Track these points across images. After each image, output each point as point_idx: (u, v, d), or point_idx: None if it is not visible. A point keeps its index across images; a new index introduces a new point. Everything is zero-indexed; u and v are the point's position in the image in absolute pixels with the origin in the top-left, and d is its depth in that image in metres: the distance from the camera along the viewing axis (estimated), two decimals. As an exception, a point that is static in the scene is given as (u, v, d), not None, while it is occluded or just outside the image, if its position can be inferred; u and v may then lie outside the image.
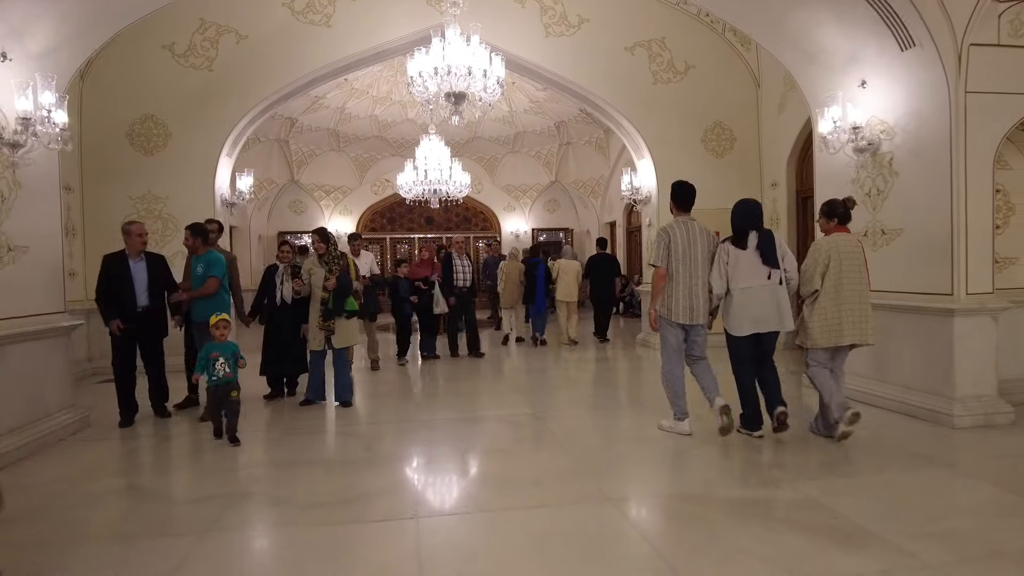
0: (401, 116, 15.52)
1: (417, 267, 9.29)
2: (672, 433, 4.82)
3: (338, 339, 5.75)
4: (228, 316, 5.22)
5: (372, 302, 7.91)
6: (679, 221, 4.83)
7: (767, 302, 4.47)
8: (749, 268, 4.50)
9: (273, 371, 6.27)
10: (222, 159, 8.79)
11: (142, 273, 5.54)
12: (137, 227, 5.64)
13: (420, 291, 8.84)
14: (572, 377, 7.95)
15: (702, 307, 4.65)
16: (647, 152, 9.60)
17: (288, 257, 6.31)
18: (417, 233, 18.22)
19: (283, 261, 6.29)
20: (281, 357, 6.17)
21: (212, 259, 5.76)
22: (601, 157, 15.92)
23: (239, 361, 4.98)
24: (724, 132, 9.70)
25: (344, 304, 5.74)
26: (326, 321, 5.67)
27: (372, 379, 7.68)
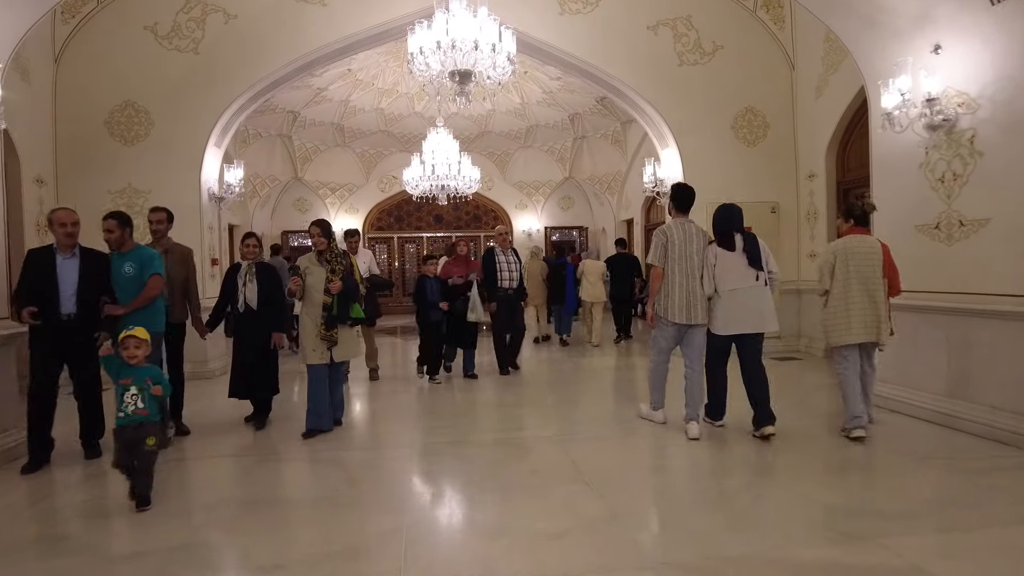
0: (408, 109, 14.72)
1: (451, 265, 7.67)
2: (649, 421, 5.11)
3: (340, 351, 4.84)
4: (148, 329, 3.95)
5: (372, 305, 7.12)
6: (677, 222, 4.85)
7: (752, 303, 4.55)
8: (736, 270, 4.57)
9: (239, 392, 5.21)
10: (209, 149, 8.02)
11: (71, 272, 4.34)
12: (62, 215, 4.38)
13: (453, 294, 7.23)
14: (596, 388, 7.10)
15: (700, 307, 4.67)
16: (672, 141, 8.72)
17: (254, 253, 5.16)
18: (426, 232, 17.44)
19: (247, 258, 5.17)
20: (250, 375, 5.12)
21: (145, 256, 4.61)
22: (618, 151, 15.04)
23: (155, 388, 3.56)
24: (756, 118, 8.80)
25: (350, 310, 4.85)
26: (329, 330, 4.74)
27: (370, 393, 6.87)
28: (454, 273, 7.41)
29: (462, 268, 7.47)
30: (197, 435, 5.01)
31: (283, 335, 5.23)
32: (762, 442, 4.52)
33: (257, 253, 5.21)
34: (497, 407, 6.21)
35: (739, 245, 4.63)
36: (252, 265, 5.16)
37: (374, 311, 7.16)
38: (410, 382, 7.31)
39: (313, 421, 4.85)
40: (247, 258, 5.18)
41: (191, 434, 5.02)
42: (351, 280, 4.85)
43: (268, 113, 13.51)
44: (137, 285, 4.51)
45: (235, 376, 5.22)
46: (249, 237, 5.25)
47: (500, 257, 7.65)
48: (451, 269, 7.52)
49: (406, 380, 7.48)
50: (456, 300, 7.15)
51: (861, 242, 4.53)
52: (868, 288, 4.45)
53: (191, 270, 5.21)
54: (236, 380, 5.21)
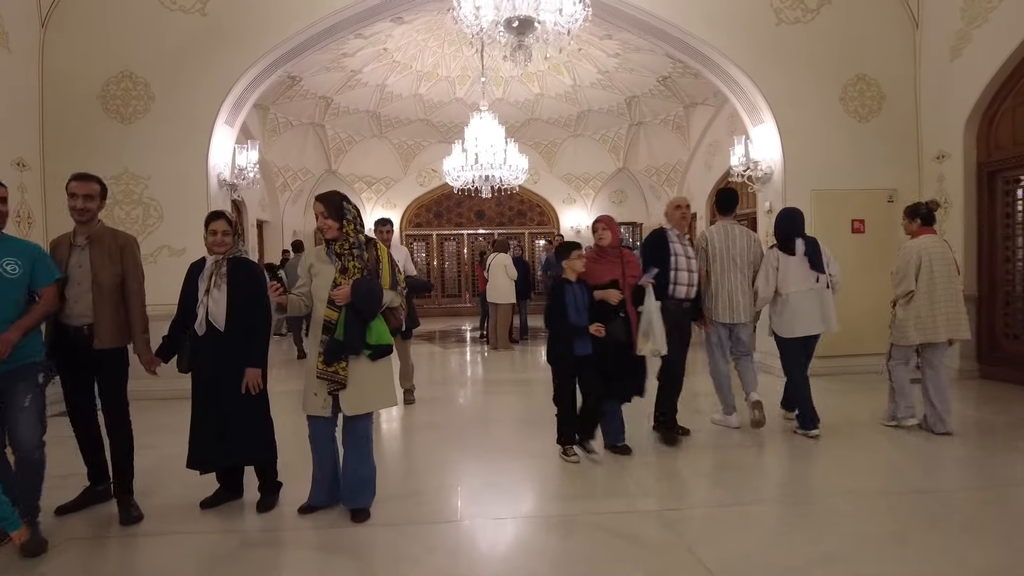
0: (449, 95, 13.33)
1: (596, 262, 4.36)
2: (721, 426, 4.94)
3: (352, 399, 3.17)
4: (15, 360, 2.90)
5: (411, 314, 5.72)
6: (719, 225, 4.88)
7: (815, 305, 4.61)
8: (798, 273, 4.60)
9: (205, 462, 3.43)
10: (219, 128, 6.73)
11: None
12: None
13: (605, 311, 4.20)
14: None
15: (742, 306, 4.74)
16: (769, 114, 7.10)
17: (223, 245, 3.39)
18: (466, 229, 16.05)
19: (216, 251, 3.41)
20: (219, 433, 3.35)
21: (26, 252, 3.13)
22: (679, 138, 13.39)
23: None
24: (869, 88, 7.12)
25: (366, 333, 3.14)
26: (329, 364, 3.13)
27: (405, 428, 5.46)
28: (600, 275, 4.29)
29: (611, 268, 4.35)
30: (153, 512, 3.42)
31: (258, 371, 3.37)
32: None
33: (229, 244, 3.40)
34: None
35: (800, 250, 4.64)
36: (222, 262, 3.38)
37: (411, 320, 5.78)
38: (453, 408, 5.89)
39: (315, 496, 3.39)
40: (215, 251, 3.40)
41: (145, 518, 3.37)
42: (369, 285, 3.12)
43: (298, 99, 12.29)
44: (18, 293, 3.05)
45: (197, 435, 3.39)
46: (216, 219, 3.39)
47: (676, 246, 4.56)
48: (598, 270, 4.31)
49: (449, 405, 6.05)
50: (612, 320, 4.17)
51: (935, 242, 4.65)
52: (949, 287, 4.55)
53: (131, 267, 3.44)
54: (199, 442, 3.38)
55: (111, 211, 6.49)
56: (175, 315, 3.54)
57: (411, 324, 5.70)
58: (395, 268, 3.35)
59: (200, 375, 3.41)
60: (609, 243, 4.36)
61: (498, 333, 9.45)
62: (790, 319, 4.62)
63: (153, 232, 6.54)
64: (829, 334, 4.88)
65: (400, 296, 3.34)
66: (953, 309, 4.54)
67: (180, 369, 3.45)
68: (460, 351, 9.95)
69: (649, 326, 4.14)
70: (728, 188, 5.07)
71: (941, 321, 4.50)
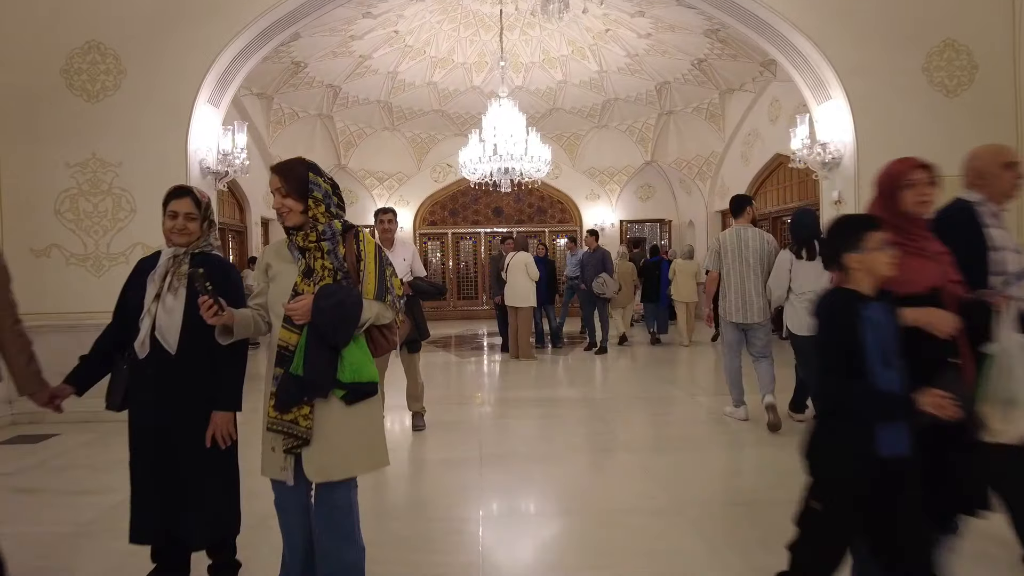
0: (465, 83, 12.34)
1: (915, 260, 2.07)
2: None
3: (317, 460, 2.14)
4: None
5: (419, 324, 4.73)
6: (733, 229, 4.96)
7: None
8: (813, 274, 4.49)
9: (149, 534, 2.41)
10: (200, 108, 5.78)
11: None
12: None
13: (927, 356, 1.95)
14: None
15: (755, 307, 4.79)
16: (838, 88, 6.00)
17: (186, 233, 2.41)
18: (483, 227, 15.03)
19: (175, 241, 2.42)
20: (165, 500, 2.37)
21: None
22: (713, 128, 12.26)
23: None
24: (958, 56, 6.00)
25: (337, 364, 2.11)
26: (285, 411, 2.10)
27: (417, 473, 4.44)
28: (914, 278, 2.06)
29: (928, 265, 2.12)
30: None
31: (230, 416, 2.41)
32: None
33: (194, 232, 2.42)
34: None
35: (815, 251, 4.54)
36: (183, 257, 2.41)
37: (420, 329, 4.78)
38: (471, 436, 4.87)
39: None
40: (174, 241, 2.42)
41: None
42: (339, 295, 2.08)
43: (304, 88, 11.36)
44: None
45: (141, 498, 2.39)
46: (178, 196, 2.41)
47: (996, 233, 2.43)
48: (922, 269, 2.10)
49: (465, 431, 5.04)
50: (943, 373, 1.93)
51: None
52: None
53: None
54: (143, 506, 2.38)
55: (75, 203, 5.57)
56: (107, 328, 2.52)
57: (419, 335, 4.71)
58: (385, 270, 2.28)
59: (139, 417, 2.39)
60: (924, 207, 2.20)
61: (519, 341, 8.42)
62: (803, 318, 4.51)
63: (125, 227, 5.61)
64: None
65: (393, 309, 2.29)
66: None
67: (109, 406, 2.43)
68: (477, 360, 8.94)
69: (1010, 383, 2.02)
70: (740, 195, 5.24)
71: None
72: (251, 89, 10.75)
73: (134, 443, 2.40)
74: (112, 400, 2.37)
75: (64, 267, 5.56)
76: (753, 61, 10.11)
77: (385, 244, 4.68)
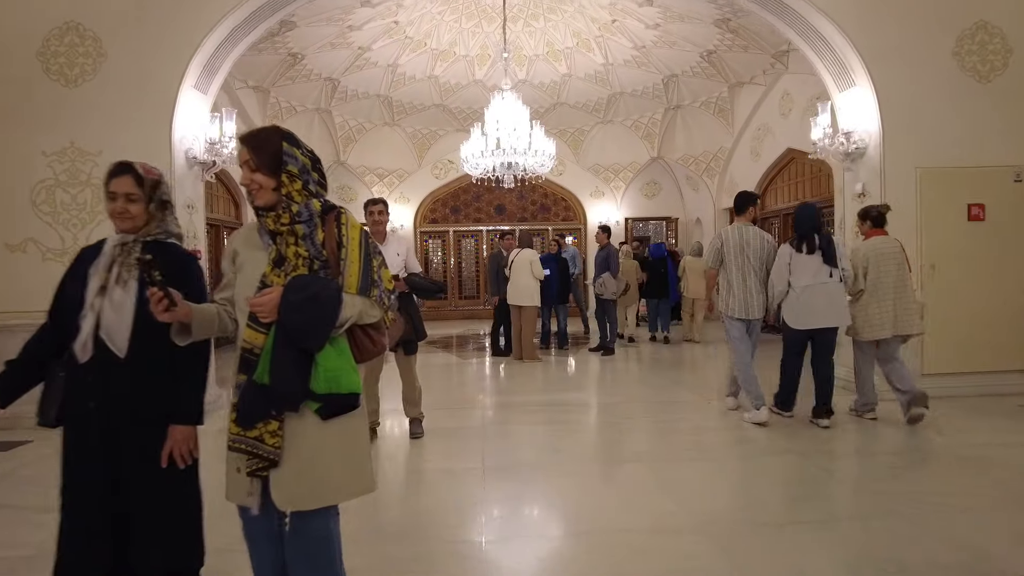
0: (467, 76, 11.98)
1: None
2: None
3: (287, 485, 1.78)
4: None
5: (416, 324, 4.37)
6: (734, 226, 5.02)
7: (827, 299, 4.60)
8: (812, 268, 4.62)
9: (87, 571, 1.95)
10: (185, 93, 5.42)
11: None
12: None
13: None
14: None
15: (756, 304, 4.88)
16: (863, 74, 5.62)
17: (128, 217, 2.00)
18: (485, 225, 14.65)
19: (121, 226, 2.03)
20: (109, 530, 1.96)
21: None
22: (721, 123, 11.88)
23: None
24: (991, 39, 5.62)
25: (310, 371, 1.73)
26: (248, 426, 1.74)
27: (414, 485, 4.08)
28: None
29: None
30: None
31: (191, 431, 2.06)
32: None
33: (137, 216, 2.02)
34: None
35: (815, 244, 4.63)
36: (132, 245, 2.02)
37: (416, 330, 4.41)
38: (473, 443, 4.51)
39: None
40: (118, 226, 2.05)
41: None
42: (313, 288, 1.73)
43: (301, 81, 11.01)
44: None
45: (78, 529, 1.97)
46: (118, 174, 2.02)
47: None
48: None
49: (468, 439, 4.68)
50: None
51: (885, 243, 4.75)
52: (896, 286, 4.66)
53: None
54: (81, 539, 1.96)
55: (52, 195, 5.22)
56: (40, 328, 2.13)
57: (415, 336, 4.34)
58: (372, 260, 1.90)
59: (79, 434, 2.00)
60: None
61: (523, 342, 8.05)
62: (800, 311, 4.67)
63: (105, 220, 5.22)
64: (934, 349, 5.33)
65: (380, 306, 1.91)
66: (902, 306, 4.67)
67: (42, 421, 2.05)
68: (479, 362, 8.57)
69: None
70: (744, 191, 5.26)
71: (888, 318, 4.64)
72: (247, 82, 10.40)
73: (71, 464, 2.01)
74: (45, 414, 1.99)
75: (40, 263, 5.21)
76: (764, 52, 9.74)
77: (377, 238, 4.32)
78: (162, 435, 2.03)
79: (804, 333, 4.72)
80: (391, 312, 2.02)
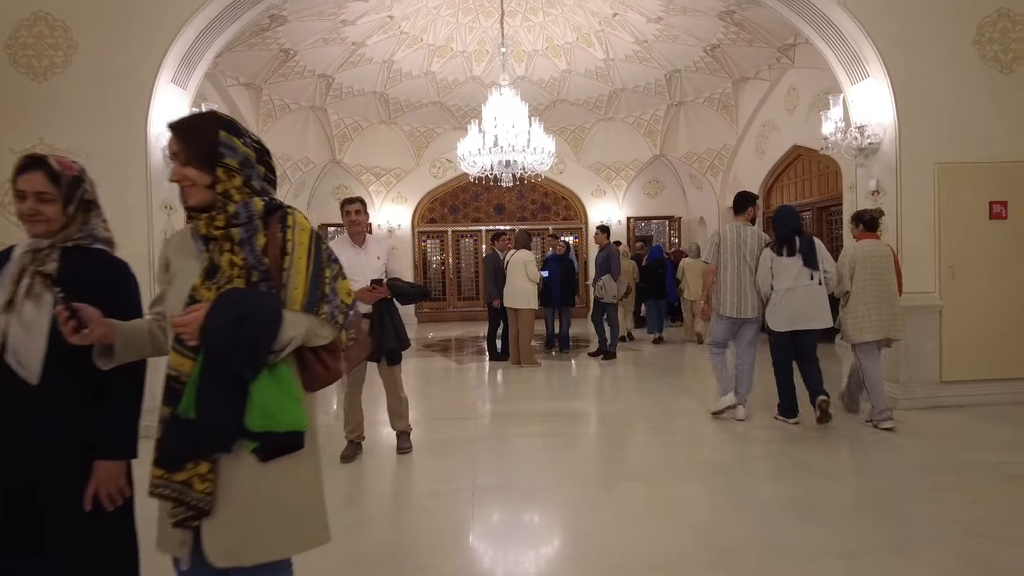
0: (464, 73, 11.67)
1: None
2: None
3: (221, 537, 1.47)
4: None
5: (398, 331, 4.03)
6: (732, 225, 5.01)
7: (807, 301, 4.62)
8: (792, 270, 4.65)
9: None
10: (163, 89, 5.12)
11: None
12: None
13: None
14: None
15: (749, 303, 4.84)
16: (877, 65, 5.30)
17: (40, 220, 1.72)
18: (484, 224, 14.34)
19: (31, 231, 1.73)
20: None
21: None
22: (725, 120, 11.55)
23: None
24: (1014, 27, 5.29)
25: (244, 404, 1.43)
26: (173, 467, 1.43)
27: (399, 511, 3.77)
28: None
29: None
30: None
31: (121, 467, 1.77)
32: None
33: (50, 219, 1.73)
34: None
35: (795, 247, 4.67)
36: (46, 252, 1.74)
37: (400, 337, 4.08)
38: (464, 459, 4.21)
39: None
40: (32, 228, 1.74)
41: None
42: (244, 305, 1.42)
43: (295, 78, 10.70)
44: None
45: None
46: (27, 170, 1.74)
47: None
48: None
49: (459, 455, 4.37)
50: None
51: (875, 246, 4.73)
52: (883, 289, 4.63)
53: None
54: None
55: (21, 194, 4.91)
56: None
57: (399, 344, 4.03)
58: (323, 270, 1.57)
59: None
60: None
61: (520, 347, 7.75)
62: (780, 313, 4.70)
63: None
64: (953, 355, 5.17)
65: (333, 325, 1.60)
66: (887, 311, 4.64)
67: None
68: (477, 367, 8.26)
69: None
70: (744, 191, 5.25)
71: (874, 321, 4.62)
72: (238, 79, 10.11)
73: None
74: None
75: (9, 266, 4.91)
76: (770, 46, 9.41)
77: (355, 240, 4.01)
78: (87, 473, 1.73)
79: (788, 336, 4.73)
80: (350, 331, 1.71)
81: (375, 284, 3.79)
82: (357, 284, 3.90)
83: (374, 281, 3.80)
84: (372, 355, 3.96)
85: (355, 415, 4.20)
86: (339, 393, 4.28)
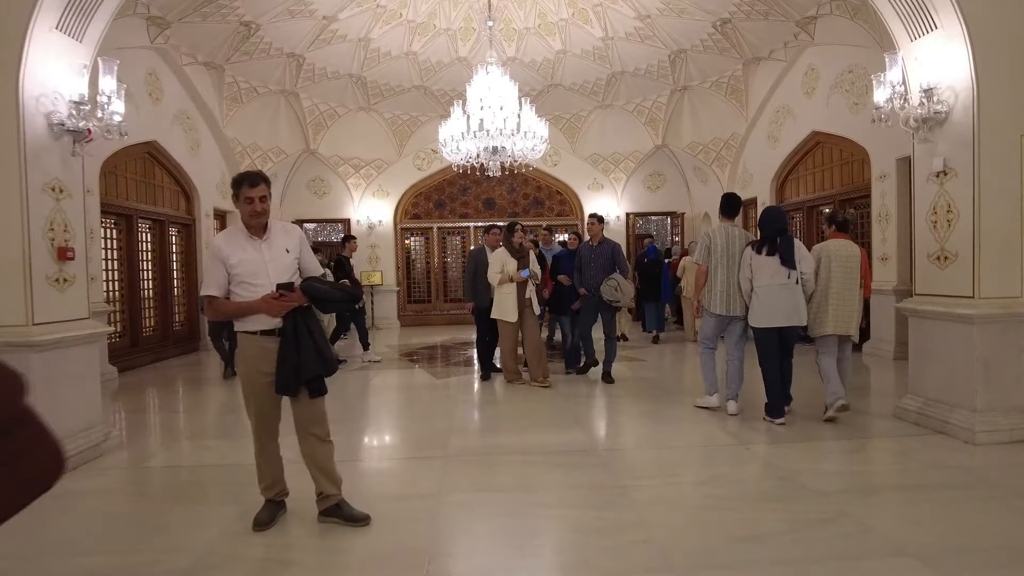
0: (449, 53, 10.51)
1: None
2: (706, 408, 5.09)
3: None
4: None
5: (320, 348, 2.82)
6: (722, 226, 5.09)
7: (785, 299, 4.66)
8: (770, 269, 4.69)
9: None
10: (42, 36, 3.93)
11: None
12: None
13: None
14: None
15: (738, 302, 4.92)
16: (952, 11, 4.14)
17: None
18: (473, 220, 13.19)
19: None
20: None
21: None
22: (733, 106, 10.42)
23: None
24: (1119, -33, 4.16)
25: None
26: None
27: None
28: None
29: None
30: None
31: None
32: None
33: None
34: None
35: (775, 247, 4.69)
36: None
37: (318, 361, 2.85)
38: (412, 538, 3.04)
39: None
40: None
41: None
42: None
43: (260, 57, 9.52)
44: None
45: None
46: None
47: None
48: None
49: (408, 518, 3.19)
50: None
51: (842, 246, 4.82)
52: (844, 287, 4.74)
53: None
54: None
55: None
56: None
57: (320, 369, 2.83)
58: None
59: None
60: None
61: (503, 360, 6.57)
62: (762, 311, 4.72)
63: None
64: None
65: None
66: (845, 308, 4.74)
67: None
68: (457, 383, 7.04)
69: None
70: (731, 194, 5.29)
71: (830, 316, 4.73)
72: (196, 57, 8.93)
73: None
74: None
75: None
76: (788, 19, 8.28)
77: (254, 231, 2.82)
78: None
79: (770, 332, 4.76)
80: None
81: (283, 289, 2.63)
82: (260, 290, 2.73)
83: (281, 285, 2.64)
84: (286, 387, 2.78)
85: (272, 467, 3.03)
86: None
